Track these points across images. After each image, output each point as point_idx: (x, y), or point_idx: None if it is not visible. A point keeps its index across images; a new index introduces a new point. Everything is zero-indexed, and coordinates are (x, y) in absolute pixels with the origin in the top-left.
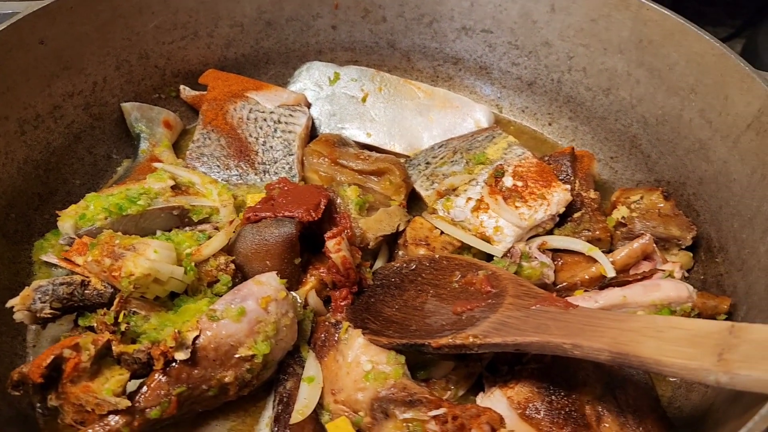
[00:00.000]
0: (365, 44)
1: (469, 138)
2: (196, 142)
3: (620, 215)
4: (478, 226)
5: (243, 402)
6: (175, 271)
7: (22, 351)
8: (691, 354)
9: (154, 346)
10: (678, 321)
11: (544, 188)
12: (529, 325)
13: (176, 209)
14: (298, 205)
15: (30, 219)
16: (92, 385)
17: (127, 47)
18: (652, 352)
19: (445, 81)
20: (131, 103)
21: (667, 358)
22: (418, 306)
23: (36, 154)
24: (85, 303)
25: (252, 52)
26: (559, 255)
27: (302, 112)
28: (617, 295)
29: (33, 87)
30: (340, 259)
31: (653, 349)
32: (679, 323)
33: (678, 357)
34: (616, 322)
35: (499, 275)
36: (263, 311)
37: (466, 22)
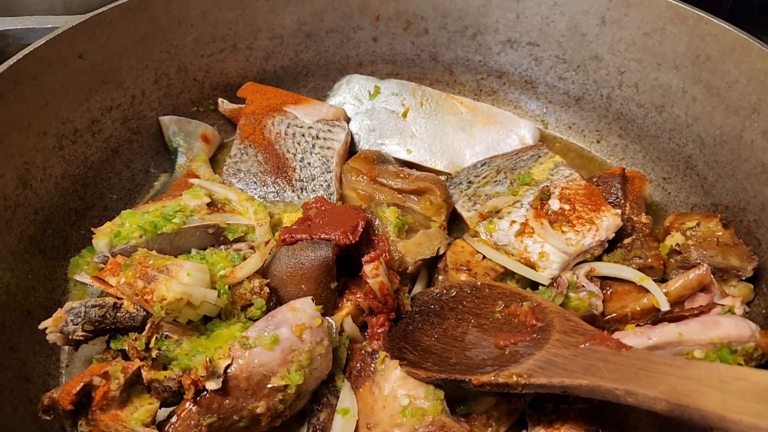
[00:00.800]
0: (407, 57)
1: (513, 156)
2: (233, 157)
3: (674, 242)
4: (522, 251)
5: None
6: (208, 294)
7: (56, 371)
8: (761, 411)
9: (184, 375)
10: (744, 372)
11: (592, 212)
12: (578, 366)
13: (212, 227)
14: (335, 227)
15: (67, 235)
16: (121, 414)
17: (166, 60)
18: (716, 406)
19: (489, 95)
20: (169, 117)
21: (733, 414)
22: (459, 336)
23: (74, 169)
24: (117, 326)
25: (291, 64)
26: (608, 283)
27: (341, 128)
28: (672, 331)
29: (71, 101)
30: (377, 284)
31: (717, 402)
32: (746, 374)
33: (745, 413)
34: (674, 368)
35: (545, 308)
36: (297, 339)
37: (511, 35)
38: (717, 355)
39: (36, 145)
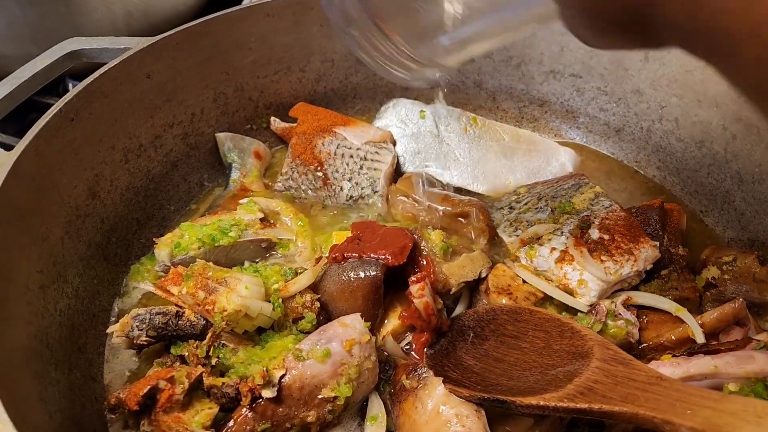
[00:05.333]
0: (452, 83)
1: (554, 185)
2: (284, 174)
3: (711, 275)
4: (561, 278)
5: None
6: (264, 307)
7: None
8: None
9: (242, 382)
10: None
11: (631, 243)
12: (617, 394)
13: (264, 242)
14: (384, 247)
15: (129, 243)
16: (183, 417)
17: (225, 81)
18: None
19: (530, 122)
20: (225, 134)
21: None
22: (499, 358)
23: (137, 182)
24: (178, 333)
25: (341, 86)
26: (644, 312)
27: (388, 150)
28: (708, 363)
29: (138, 118)
30: (423, 304)
31: None
32: None
33: None
34: (710, 401)
35: (584, 335)
36: (347, 354)
37: (555, 66)
38: (751, 389)
39: (105, 158)
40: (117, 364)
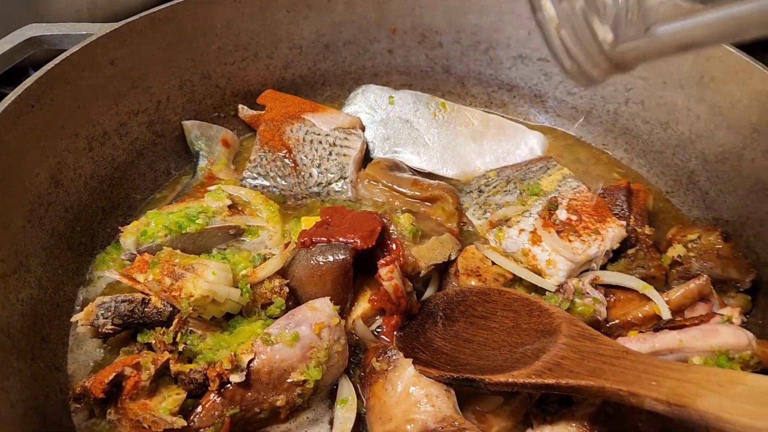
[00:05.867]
0: (420, 69)
1: (523, 167)
2: (252, 162)
3: (676, 253)
4: (530, 259)
5: None
6: (231, 292)
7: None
8: (756, 413)
9: (210, 367)
10: (741, 376)
11: (598, 223)
12: (584, 369)
13: (232, 228)
14: (352, 231)
15: (94, 232)
16: (150, 403)
17: (191, 68)
18: (714, 408)
19: (499, 107)
20: (192, 122)
21: (729, 414)
22: (469, 338)
23: (102, 170)
24: (144, 320)
25: (309, 73)
26: (612, 291)
27: (357, 136)
28: (673, 338)
29: (102, 105)
30: (392, 287)
31: (714, 404)
32: (742, 378)
33: (741, 415)
34: (674, 371)
35: (552, 313)
36: (316, 337)
37: (522, 51)
38: (715, 362)
39: (68, 146)
40: (81, 354)
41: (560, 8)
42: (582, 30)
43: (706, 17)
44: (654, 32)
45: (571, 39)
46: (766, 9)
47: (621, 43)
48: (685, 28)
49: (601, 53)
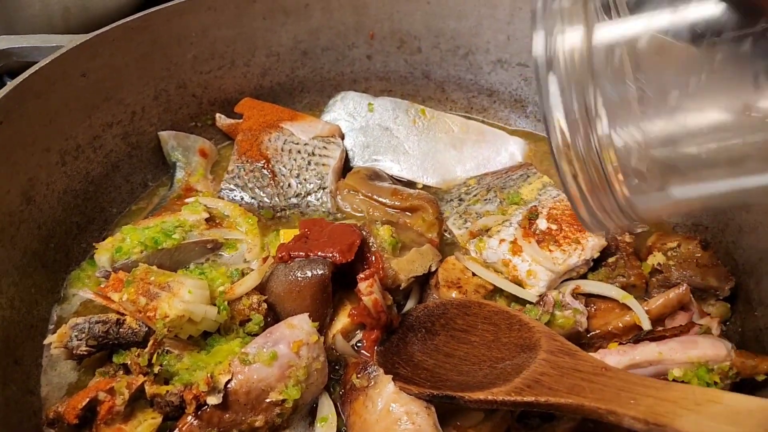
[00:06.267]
0: (400, 74)
1: (503, 175)
2: (230, 173)
3: (656, 262)
4: (510, 269)
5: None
6: (208, 311)
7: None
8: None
9: (186, 390)
10: (718, 395)
11: (578, 232)
12: (563, 385)
13: (210, 243)
14: (331, 245)
15: (68, 248)
16: (125, 428)
17: (166, 77)
18: (691, 427)
19: (480, 112)
20: (168, 132)
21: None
22: (449, 353)
23: (76, 184)
24: (119, 341)
25: (287, 80)
26: (592, 300)
27: (336, 145)
28: (653, 351)
29: (74, 118)
30: (372, 301)
31: (692, 423)
32: (719, 397)
33: None
34: (652, 389)
35: (532, 327)
36: (295, 355)
37: (501, 56)
38: (695, 373)
39: (40, 161)
40: (55, 376)
41: (575, 142)
42: (599, 179)
43: (723, 184)
44: (670, 193)
45: (587, 187)
46: None
47: (635, 199)
48: (701, 194)
49: (616, 209)
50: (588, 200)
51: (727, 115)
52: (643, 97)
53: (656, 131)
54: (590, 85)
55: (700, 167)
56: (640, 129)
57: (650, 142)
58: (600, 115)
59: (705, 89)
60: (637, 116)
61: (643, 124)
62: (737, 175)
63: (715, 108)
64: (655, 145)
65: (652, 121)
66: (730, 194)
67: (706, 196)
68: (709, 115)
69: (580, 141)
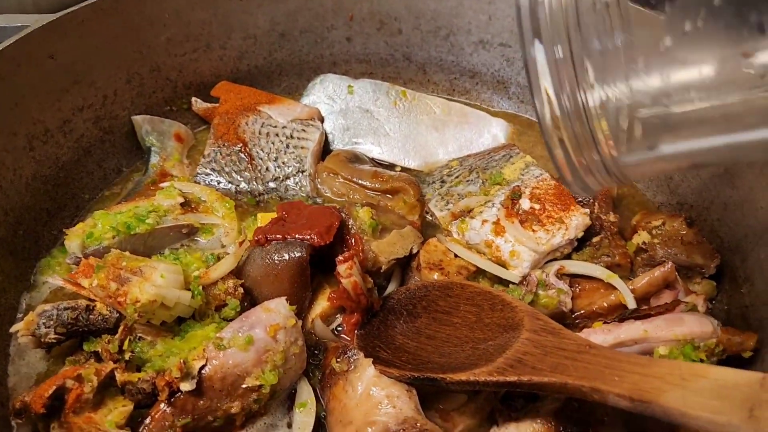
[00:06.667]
0: (380, 56)
1: (485, 156)
2: (207, 157)
3: (641, 240)
4: (493, 250)
5: None
6: (182, 296)
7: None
8: (719, 408)
9: (158, 376)
10: (704, 369)
11: (562, 212)
12: (546, 364)
13: (185, 227)
14: (309, 227)
15: (38, 235)
16: (95, 417)
17: (138, 60)
18: (677, 403)
19: (462, 94)
20: (142, 116)
21: (692, 410)
22: (431, 335)
23: (45, 170)
24: (90, 328)
25: (265, 63)
26: (577, 281)
27: (315, 128)
28: (638, 329)
29: (42, 102)
30: (351, 284)
31: (678, 399)
32: (705, 371)
33: (704, 410)
34: (637, 366)
35: (515, 307)
36: (271, 340)
37: (483, 36)
38: (681, 351)
39: (5, 146)
40: (24, 366)
41: (562, 107)
42: (585, 139)
43: (716, 141)
44: (660, 150)
45: (573, 148)
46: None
47: (623, 159)
48: (692, 149)
49: (602, 169)
50: (573, 161)
51: (723, 66)
52: (632, 45)
53: (646, 85)
54: (576, 34)
55: (692, 123)
56: (628, 83)
57: (639, 97)
58: (587, 67)
59: (701, 35)
60: (626, 69)
61: (633, 77)
62: (730, 131)
63: (710, 57)
64: (644, 100)
65: (642, 73)
66: (722, 150)
67: (696, 151)
68: (704, 65)
69: (566, 97)
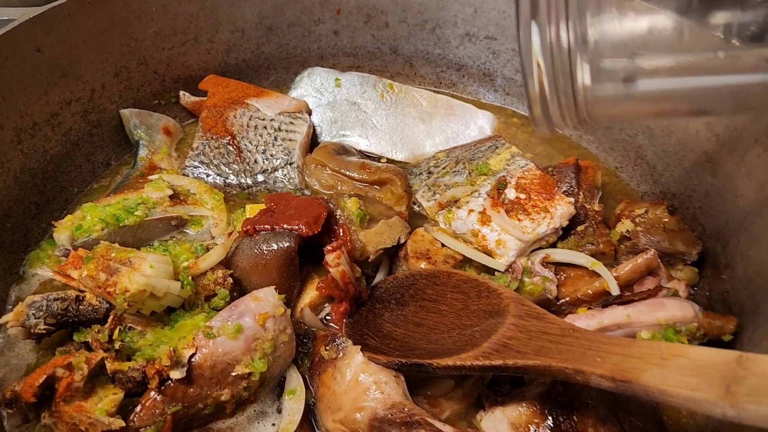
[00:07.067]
0: (367, 50)
1: (471, 147)
2: (195, 149)
3: (625, 229)
4: (479, 240)
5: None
6: (171, 286)
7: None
8: (696, 385)
9: (148, 365)
10: (683, 349)
11: (547, 201)
12: (531, 348)
13: (174, 219)
14: (297, 218)
15: (27, 228)
16: (86, 405)
17: (126, 54)
18: (657, 381)
19: (448, 87)
20: (130, 110)
21: (671, 388)
22: (418, 322)
23: (33, 163)
24: (80, 318)
25: (253, 57)
26: (562, 269)
27: (303, 120)
28: (621, 313)
29: (30, 95)
30: (339, 273)
31: (657, 377)
32: (684, 351)
33: (683, 387)
34: (618, 347)
35: (501, 293)
36: (260, 328)
37: (469, 29)
38: (663, 335)
39: None
40: (13, 358)
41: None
42: (563, 67)
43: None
44: (635, 86)
45: (548, 77)
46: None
47: (597, 91)
48: (670, 87)
49: (572, 104)
50: (545, 90)
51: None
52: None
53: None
54: None
55: (664, 71)
56: (610, 24)
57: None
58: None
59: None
60: (609, 11)
61: (609, 20)
62: (701, 76)
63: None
64: (621, 42)
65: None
66: (694, 94)
67: (667, 92)
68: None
69: (552, 28)
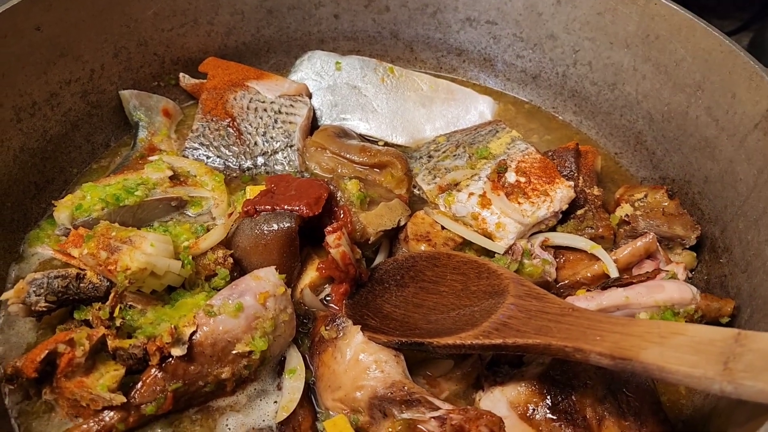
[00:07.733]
0: (368, 34)
1: (472, 131)
2: (195, 131)
3: (624, 213)
4: (479, 222)
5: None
6: (172, 264)
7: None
8: (695, 362)
9: (149, 342)
10: (681, 327)
11: (547, 184)
12: (530, 327)
13: (174, 200)
14: (298, 199)
15: (26, 208)
16: (87, 381)
17: (126, 34)
18: (656, 359)
19: (449, 72)
20: (130, 91)
21: (670, 365)
22: (418, 303)
23: (32, 143)
24: (80, 296)
25: (253, 40)
26: (562, 252)
27: (303, 103)
28: (620, 295)
29: (29, 74)
30: (339, 254)
31: (656, 355)
32: (683, 329)
33: (681, 364)
34: (618, 326)
35: (500, 274)
36: (261, 307)
37: (470, 13)
38: (661, 317)
39: None
40: (13, 335)
41: None
42: None
43: None
44: None
45: None
46: None
47: None
48: None
49: None
50: None
51: None
52: None
53: None
54: None
55: None
56: None
57: None
58: None
59: None
60: None
61: None
62: None
63: None
64: None
65: None
66: None
67: None
68: None
69: None
